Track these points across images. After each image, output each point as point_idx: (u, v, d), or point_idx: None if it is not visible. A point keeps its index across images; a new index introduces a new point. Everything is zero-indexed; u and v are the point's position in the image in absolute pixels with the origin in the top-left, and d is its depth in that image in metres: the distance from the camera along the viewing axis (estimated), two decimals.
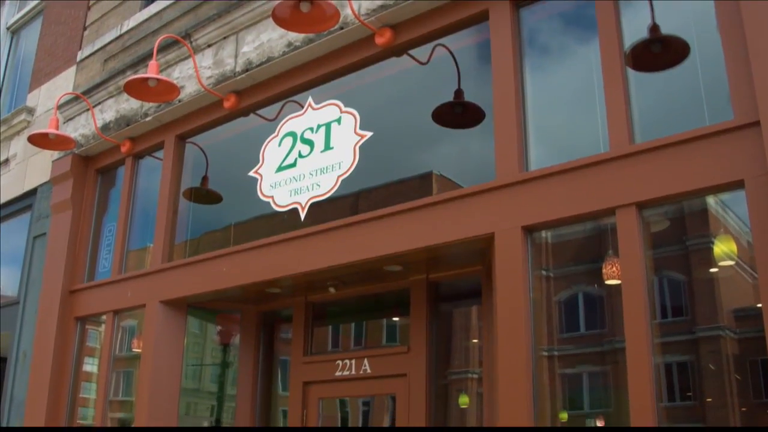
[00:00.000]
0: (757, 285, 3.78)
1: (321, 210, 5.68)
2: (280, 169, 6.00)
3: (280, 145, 6.09)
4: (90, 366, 7.61)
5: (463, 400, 5.72)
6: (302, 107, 6.07)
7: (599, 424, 5.06)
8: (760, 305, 3.72)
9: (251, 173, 6.20)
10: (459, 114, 5.36)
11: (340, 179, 5.54)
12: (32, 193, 8.80)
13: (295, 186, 5.82)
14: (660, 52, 4.47)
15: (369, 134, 5.47)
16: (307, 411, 6.24)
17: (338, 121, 5.70)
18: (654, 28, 4.42)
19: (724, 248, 4.62)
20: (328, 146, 5.70)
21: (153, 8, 7.76)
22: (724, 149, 3.91)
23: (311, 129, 5.89)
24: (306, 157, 5.84)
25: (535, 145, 4.75)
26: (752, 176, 3.80)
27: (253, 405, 6.79)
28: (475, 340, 5.79)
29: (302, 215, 5.71)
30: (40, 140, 6.78)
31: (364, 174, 5.54)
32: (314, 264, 5.52)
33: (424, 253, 5.16)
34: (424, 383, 5.55)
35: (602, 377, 5.13)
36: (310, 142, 5.85)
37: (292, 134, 6.02)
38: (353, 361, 6.01)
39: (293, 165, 5.91)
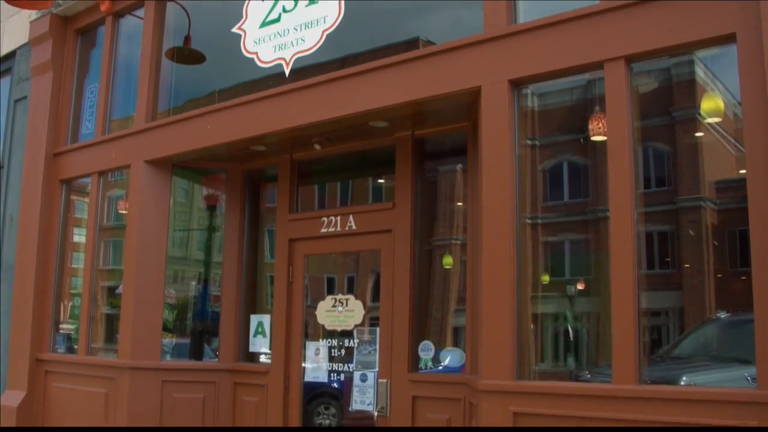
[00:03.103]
0: (739, 157, 3.78)
1: (307, 74, 5.58)
2: (263, 24, 5.85)
3: None
4: (78, 237, 7.65)
5: (447, 261, 5.80)
6: None
7: (580, 288, 5.20)
8: (741, 172, 3.73)
9: (234, 29, 6.05)
10: None
11: (325, 34, 5.43)
12: (11, 56, 8.59)
13: (280, 41, 5.69)
14: None
15: None
16: (293, 268, 6.33)
17: None
18: None
19: (710, 105, 4.61)
20: (312, 0, 5.54)
21: None
22: (717, 1, 3.81)
23: None
24: (290, 12, 5.69)
25: None
26: (744, 29, 3.73)
27: (239, 270, 6.83)
28: (460, 203, 5.82)
29: (287, 71, 5.62)
30: None
31: (350, 35, 5.42)
32: (299, 120, 5.47)
33: (410, 108, 5.12)
34: (409, 239, 5.59)
35: (584, 245, 5.22)
36: None
37: None
38: (338, 218, 6.04)
39: (277, 20, 5.76)
